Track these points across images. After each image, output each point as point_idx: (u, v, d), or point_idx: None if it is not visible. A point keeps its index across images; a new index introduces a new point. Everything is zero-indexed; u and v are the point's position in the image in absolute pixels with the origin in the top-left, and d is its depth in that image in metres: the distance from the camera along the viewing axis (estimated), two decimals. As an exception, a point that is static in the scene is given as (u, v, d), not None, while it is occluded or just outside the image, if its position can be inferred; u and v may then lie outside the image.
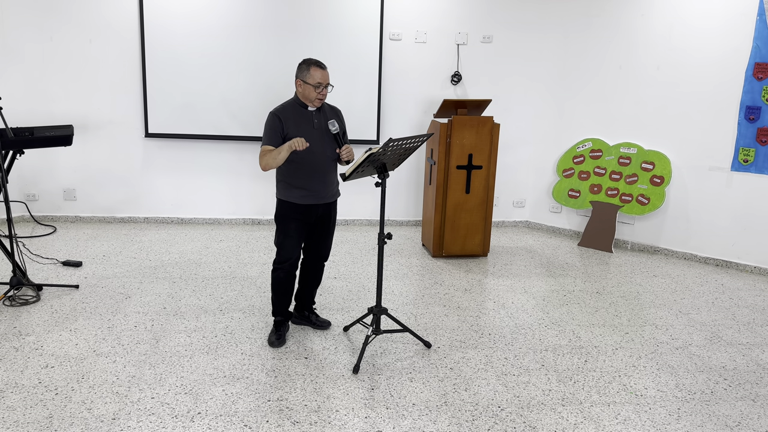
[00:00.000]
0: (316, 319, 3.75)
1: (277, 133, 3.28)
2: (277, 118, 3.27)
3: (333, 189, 3.46)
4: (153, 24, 5.53)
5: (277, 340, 3.49)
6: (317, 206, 3.40)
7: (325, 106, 3.43)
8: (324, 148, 3.33)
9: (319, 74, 3.22)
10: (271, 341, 3.50)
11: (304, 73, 3.23)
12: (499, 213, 6.44)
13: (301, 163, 3.30)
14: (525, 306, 4.25)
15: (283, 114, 3.29)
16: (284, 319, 3.57)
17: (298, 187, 3.33)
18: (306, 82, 3.24)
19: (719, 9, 5.07)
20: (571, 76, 5.93)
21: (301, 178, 3.31)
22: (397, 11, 5.82)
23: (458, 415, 2.88)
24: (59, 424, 2.68)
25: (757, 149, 5.05)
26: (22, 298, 3.98)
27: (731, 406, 3.05)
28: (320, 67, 3.23)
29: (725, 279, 5.02)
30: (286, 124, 3.26)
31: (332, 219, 3.53)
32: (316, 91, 3.24)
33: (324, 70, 3.24)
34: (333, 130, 3.28)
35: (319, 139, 3.31)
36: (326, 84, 3.25)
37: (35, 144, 4.16)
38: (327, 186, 3.40)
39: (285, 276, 3.46)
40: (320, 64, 3.23)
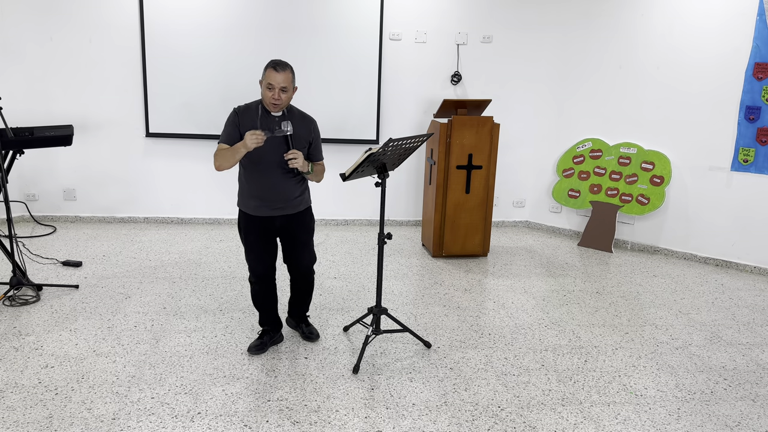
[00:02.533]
0: (306, 329, 3.57)
1: (234, 130, 3.07)
2: (235, 114, 3.08)
3: (294, 200, 3.20)
4: (153, 24, 5.53)
5: (254, 347, 3.34)
6: (273, 218, 3.18)
7: (296, 113, 3.17)
8: (280, 156, 3.07)
9: (272, 75, 2.96)
10: (249, 347, 3.36)
11: (263, 74, 3.03)
12: (499, 213, 6.44)
13: (253, 171, 3.10)
14: (525, 306, 4.25)
15: (245, 113, 3.09)
16: (270, 328, 3.42)
17: (251, 196, 3.14)
18: (261, 82, 3.04)
19: (719, 9, 5.07)
20: (571, 76, 5.93)
21: (254, 187, 3.12)
22: (397, 11, 5.82)
23: (458, 415, 2.88)
24: (59, 424, 2.68)
25: (757, 149, 5.05)
26: (22, 298, 3.98)
27: (731, 406, 3.05)
28: (274, 69, 2.96)
29: (725, 279, 5.02)
30: (243, 123, 3.06)
31: (298, 232, 3.27)
32: (269, 93, 3.00)
33: (278, 72, 2.96)
34: (279, 131, 3.00)
35: (276, 146, 3.06)
36: (280, 87, 2.97)
37: (35, 144, 4.16)
38: (283, 197, 3.15)
39: (260, 290, 3.31)
40: (276, 66, 2.97)
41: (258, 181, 3.11)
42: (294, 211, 3.22)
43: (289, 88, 3.01)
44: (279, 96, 2.98)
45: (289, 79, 2.99)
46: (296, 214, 3.24)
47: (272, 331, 3.43)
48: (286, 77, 2.98)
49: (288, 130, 3.01)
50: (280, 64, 2.98)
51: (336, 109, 5.87)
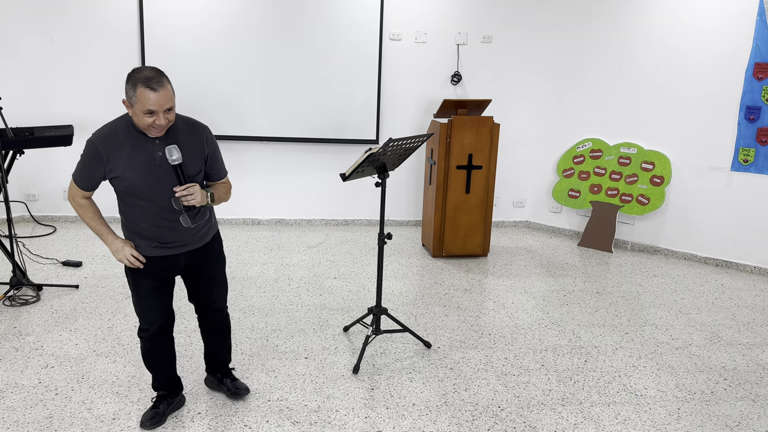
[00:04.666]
0: (231, 384, 2.91)
1: (97, 173, 2.34)
2: (96, 150, 2.30)
3: (197, 234, 2.56)
4: (153, 24, 5.53)
5: (149, 420, 2.66)
6: (175, 257, 2.54)
7: (179, 125, 2.43)
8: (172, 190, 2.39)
9: (149, 98, 2.20)
10: (141, 422, 2.67)
11: (130, 94, 2.23)
12: (499, 213, 6.44)
13: (142, 211, 2.41)
14: (525, 306, 4.25)
15: (109, 144, 2.30)
16: (167, 393, 2.77)
17: (142, 236, 2.47)
18: (133, 106, 2.24)
19: (719, 9, 5.07)
20: (571, 76, 5.93)
21: (145, 227, 2.44)
22: (397, 11, 5.82)
23: (458, 415, 2.88)
24: (59, 424, 2.68)
25: (757, 149, 5.05)
26: (22, 298, 3.98)
27: (731, 406, 3.05)
28: (150, 88, 2.19)
29: (725, 279, 5.02)
30: (110, 160, 2.30)
31: (210, 264, 2.66)
32: (149, 119, 2.25)
33: (157, 90, 2.20)
34: (172, 161, 2.30)
35: (166, 178, 2.37)
36: (166, 108, 2.25)
37: (35, 144, 4.16)
38: (183, 234, 2.51)
39: (152, 345, 2.64)
40: (152, 83, 2.20)
41: (151, 222, 2.43)
42: (201, 243, 2.60)
43: (173, 105, 2.29)
44: (165, 121, 2.28)
45: (170, 93, 2.26)
46: (203, 246, 2.62)
47: (170, 396, 2.78)
48: (168, 93, 2.25)
49: (175, 158, 2.30)
50: (154, 78, 2.21)
51: (336, 109, 5.87)
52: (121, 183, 2.35)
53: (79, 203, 2.45)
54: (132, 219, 2.45)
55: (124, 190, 2.38)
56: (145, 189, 2.36)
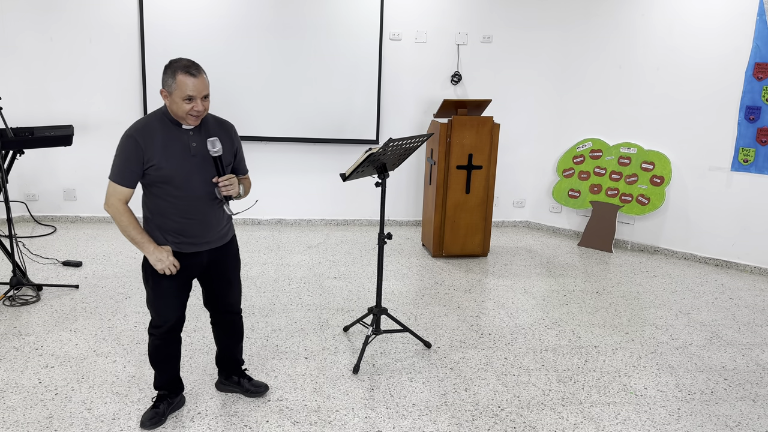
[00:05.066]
0: (248, 384, 2.96)
1: (135, 165, 2.38)
2: (134, 140, 2.37)
3: (220, 231, 2.63)
4: (153, 24, 5.53)
5: (149, 420, 2.66)
6: (198, 254, 2.59)
7: (209, 120, 2.56)
8: (206, 182, 2.49)
9: (189, 83, 2.33)
10: (141, 422, 2.67)
11: (169, 82, 2.35)
12: (499, 213, 6.44)
13: (173, 201, 2.46)
14: (525, 306, 4.25)
15: (145, 135, 2.39)
16: (167, 392, 2.78)
17: (169, 231, 2.50)
18: (172, 94, 2.36)
19: (719, 9, 5.07)
20: (571, 76, 5.93)
21: (173, 220, 2.48)
22: (397, 11, 5.82)
23: (458, 415, 2.88)
24: (59, 424, 2.68)
25: (757, 149, 5.05)
26: (22, 298, 3.98)
27: (731, 406, 3.05)
28: (190, 74, 2.33)
29: (725, 279, 5.02)
30: (148, 150, 2.38)
31: (228, 265, 2.71)
32: (187, 106, 2.37)
33: (196, 76, 2.34)
34: (213, 152, 2.42)
35: (199, 169, 2.46)
36: (202, 96, 2.38)
37: (35, 144, 4.16)
38: (210, 229, 2.57)
39: (161, 343, 2.66)
40: (191, 69, 2.34)
41: (180, 214, 2.48)
42: (222, 242, 2.65)
43: (209, 93, 2.44)
44: (203, 107, 2.40)
45: (207, 82, 2.41)
46: (224, 246, 2.67)
47: (170, 396, 2.79)
48: (205, 81, 2.38)
49: (216, 149, 2.43)
50: (194, 65, 2.36)
51: (336, 110, 5.87)
52: (157, 172, 2.40)
53: (121, 210, 2.42)
54: (160, 212, 2.48)
55: (159, 180, 2.42)
56: (181, 178, 2.43)
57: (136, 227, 2.45)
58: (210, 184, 2.49)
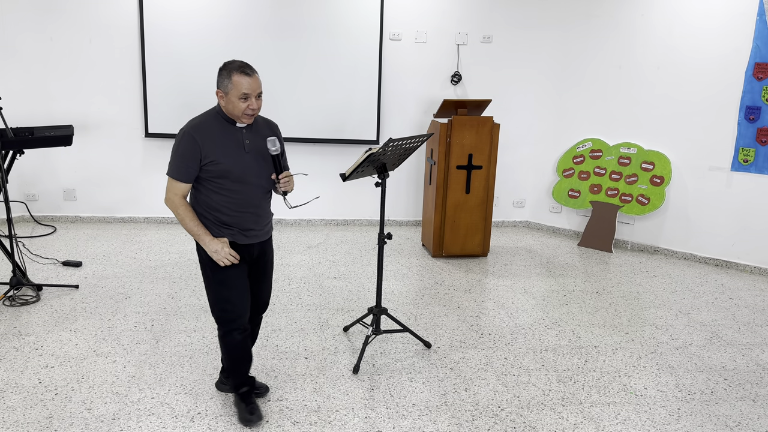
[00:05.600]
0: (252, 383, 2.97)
1: (193, 162, 2.49)
2: (192, 137, 2.48)
3: (268, 225, 2.76)
4: (153, 24, 5.53)
5: (250, 414, 2.72)
6: (251, 246, 2.70)
7: (258, 119, 2.69)
8: (260, 177, 2.62)
9: (245, 82, 2.45)
10: (245, 418, 2.72)
11: (225, 83, 2.48)
12: (499, 213, 6.44)
13: (230, 195, 2.57)
14: (525, 306, 4.25)
15: (202, 132, 2.50)
16: (250, 387, 2.82)
17: (223, 224, 2.60)
18: (228, 94, 2.48)
19: (719, 9, 5.07)
20: (571, 76, 5.93)
21: (228, 213, 2.59)
22: (397, 11, 5.82)
23: (458, 415, 2.88)
24: (59, 424, 2.68)
25: (757, 149, 5.05)
26: (22, 298, 3.98)
27: (731, 406, 3.05)
28: (245, 74, 2.46)
29: (725, 279, 5.02)
30: (206, 146, 2.49)
31: (269, 260, 2.82)
32: (243, 105, 2.48)
33: (251, 75, 2.47)
34: (273, 151, 2.57)
35: (253, 164, 2.59)
36: (257, 94, 2.51)
37: (35, 144, 4.16)
38: (261, 222, 2.70)
39: (242, 337, 2.69)
40: (246, 69, 2.47)
41: (236, 207, 2.59)
42: (267, 236, 2.77)
43: (262, 92, 2.57)
44: (257, 105, 2.53)
45: (260, 81, 2.53)
46: (268, 240, 2.79)
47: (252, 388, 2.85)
48: (259, 80, 2.52)
49: (275, 148, 2.57)
50: (248, 65, 2.49)
51: (336, 110, 5.87)
52: (216, 167, 2.51)
53: (177, 203, 2.54)
54: (215, 207, 2.58)
55: (216, 175, 2.53)
56: (238, 173, 2.55)
57: (193, 219, 2.56)
58: (263, 178, 2.63)
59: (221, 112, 2.56)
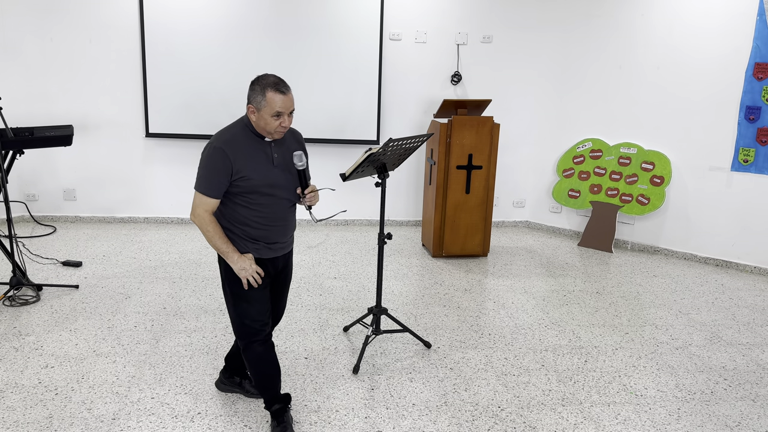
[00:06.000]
0: (249, 385, 2.96)
1: (225, 177, 2.43)
2: (223, 153, 2.41)
3: (291, 237, 2.74)
4: (153, 24, 5.53)
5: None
6: (276, 259, 2.66)
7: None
8: (288, 190, 2.58)
9: (279, 101, 2.37)
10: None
11: (258, 99, 2.38)
12: (499, 213, 6.44)
13: (259, 209, 2.52)
14: (525, 306, 4.25)
15: (233, 147, 2.43)
16: (284, 404, 2.71)
17: (250, 238, 2.55)
18: (260, 110, 2.40)
19: (719, 9, 5.07)
20: (571, 76, 5.93)
21: (255, 227, 2.54)
22: (397, 11, 5.82)
23: (458, 415, 2.88)
24: (59, 424, 2.68)
25: (757, 149, 5.05)
26: (22, 298, 3.98)
27: (731, 406, 3.05)
28: (279, 92, 2.37)
29: (725, 279, 5.02)
30: (237, 161, 2.42)
31: (289, 274, 2.80)
32: (276, 122, 2.42)
33: (286, 94, 2.39)
34: (299, 166, 2.54)
35: (281, 178, 2.53)
36: (289, 111, 2.43)
37: (35, 144, 4.16)
38: (287, 235, 2.66)
39: (265, 349, 2.62)
40: (280, 87, 2.38)
41: (264, 221, 2.54)
42: (290, 248, 2.74)
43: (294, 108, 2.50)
44: (288, 122, 2.46)
45: (293, 97, 2.46)
46: (290, 252, 2.77)
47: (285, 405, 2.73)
48: (292, 98, 2.44)
49: (302, 163, 2.55)
50: (282, 83, 2.41)
51: (336, 110, 5.87)
52: (246, 183, 2.46)
53: (208, 220, 2.48)
54: (242, 221, 2.53)
55: (246, 190, 2.48)
56: (267, 187, 2.50)
57: (221, 237, 2.50)
58: (290, 192, 2.59)
59: (250, 125, 2.48)
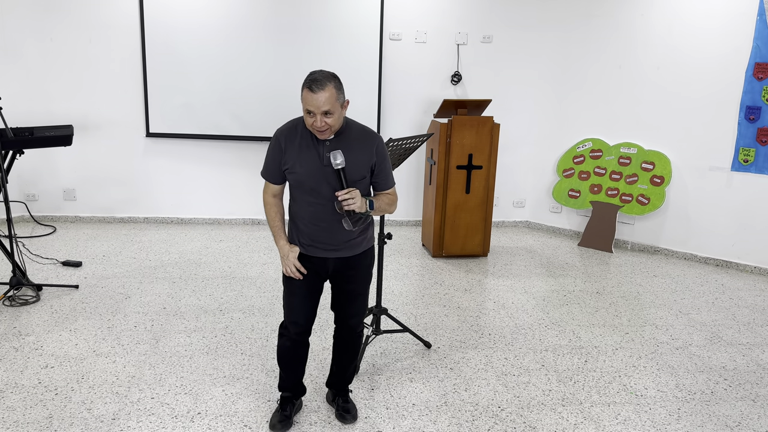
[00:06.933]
0: (342, 404, 2.84)
1: (276, 163, 2.48)
2: (277, 141, 2.47)
3: (350, 241, 2.56)
4: (153, 23, 5.52)
5: (278, 422, 2.69)
6: (326, 260, 2.58)
7: (352, 131, 2.51)
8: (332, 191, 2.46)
9: (308, 98, 2.29)
10: (271, 424, 2.71)
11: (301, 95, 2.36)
12: (499, 213, 6.44)
13: (303, 204, 2.52)
14: (525, 306, 4.25)
15: (288, 136, 2.45)
16: (292, 395, 2.77)
17: (301, 233, 2.56)
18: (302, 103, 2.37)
19: (719, 9, 5.07)
20: (571, 76, 5.93)
21: (304, 223, 2.54)
22: (397, 11, 5.82)
23: (458, 415, 2.88)
24: (59, 424, 2.68)
25: (757, 149, 5.05)
26: (22, 298, 3.98)
27: (731, 407, 3.05)
28: (309, 89, 2.28)
29: (725, 279, 5.02)
30: (287, 152, 2.45)
31: (354, 279, 2.64)
32: (310, 120, 2.34)
33: (315, 92, 2.27)
34: (335, 165, 2.36)
35: (330, 178, 2.44)
36: (321, 112, 2.30)
37: (35, 144, 4.16)
38: (336, 237, 2.53)
39: (291, 344, 2.66)
40: (312, 84, 2.28)
41: (310, 219, 2.51)
42: (352, 253, 2.59)
43: (334, 109, 2.31)
44: (322, 123, 2.32)
45: (332, 97, 2.29)
46: (354, 256, 2.60)
47: (294, 398, 2.80)
48: (328, 96, 2.28)
49: (338, 162, 2.36)
50: (317, 80, 2.28)
51: (336, 109, 5.86)
52: (291, 175, 2.48)
53: (266, 201, 2.58)
54: (295, 214, 2.57)
55: (293, 182, 2.50)
56: (312, 185, 2.46)
57: (274, 222, 2.57)
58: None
59: None
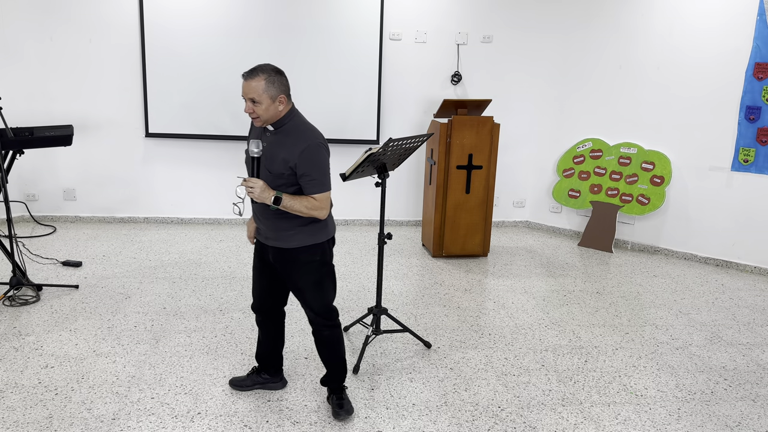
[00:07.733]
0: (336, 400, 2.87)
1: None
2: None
3: (279, 233, 2.61)
4: (153, 23, 5.52)
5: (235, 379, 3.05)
6: (266, 247, 2.71)
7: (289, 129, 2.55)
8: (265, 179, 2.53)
9: (243, 84, 2.47)
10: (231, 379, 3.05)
11: None
12: (499, 213, 6.44)
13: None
14: (525, 306, 4.25)
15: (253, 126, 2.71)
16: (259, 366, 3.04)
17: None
18: None
19: (719, 9, 5.07)
20: (572, 76, 5.93)
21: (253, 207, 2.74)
22: (397, 11, 5.82)
23: (458, 415, 2.88)
24: (59, 424, 2.68)
25: (757, 149, 5.05)
26: (22, 298, 3.98)
27: (731, 407, 3.05)
28: (243, 77, 2.46)
29: (725, 279, 5.02)
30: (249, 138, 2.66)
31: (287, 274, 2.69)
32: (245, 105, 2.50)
33: (245, 79, 2.44)
34: (251, 152, 2.47)
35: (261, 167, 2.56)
36: (249, 98, 2.44)
37: (35, 144, 4.16)
38: (270, 225, 2.62)
39: (258, 321, 2.94)
40: (246, 72, 2.45)
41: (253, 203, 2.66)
42: (284, 245, 2.62)
43: (261, 100, 2.43)
44: (249, 109, 2.46)
45: (259, 87, 2.41)
46: (287, 250, 2.63)
47: (261, 372, 3.01)
48: (254, 86, 2.41)
49: (255, 151, 2.46)
50: (252, 70, 2.45)
51: (336, 110, 5.87)
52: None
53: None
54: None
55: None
56: (248, 171, 2.67)
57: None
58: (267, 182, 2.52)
59: None
